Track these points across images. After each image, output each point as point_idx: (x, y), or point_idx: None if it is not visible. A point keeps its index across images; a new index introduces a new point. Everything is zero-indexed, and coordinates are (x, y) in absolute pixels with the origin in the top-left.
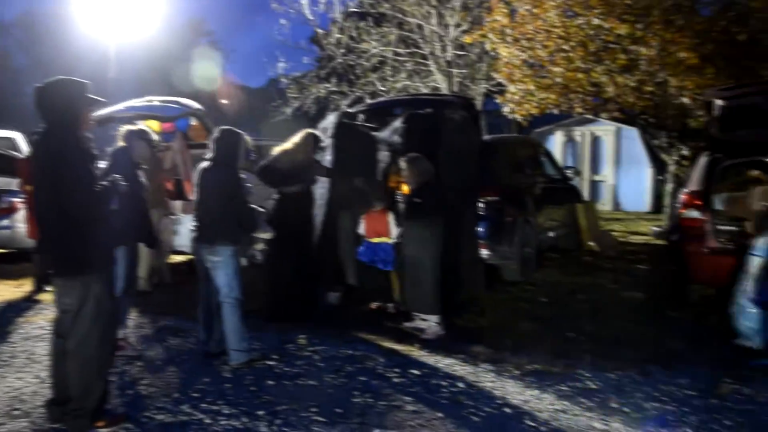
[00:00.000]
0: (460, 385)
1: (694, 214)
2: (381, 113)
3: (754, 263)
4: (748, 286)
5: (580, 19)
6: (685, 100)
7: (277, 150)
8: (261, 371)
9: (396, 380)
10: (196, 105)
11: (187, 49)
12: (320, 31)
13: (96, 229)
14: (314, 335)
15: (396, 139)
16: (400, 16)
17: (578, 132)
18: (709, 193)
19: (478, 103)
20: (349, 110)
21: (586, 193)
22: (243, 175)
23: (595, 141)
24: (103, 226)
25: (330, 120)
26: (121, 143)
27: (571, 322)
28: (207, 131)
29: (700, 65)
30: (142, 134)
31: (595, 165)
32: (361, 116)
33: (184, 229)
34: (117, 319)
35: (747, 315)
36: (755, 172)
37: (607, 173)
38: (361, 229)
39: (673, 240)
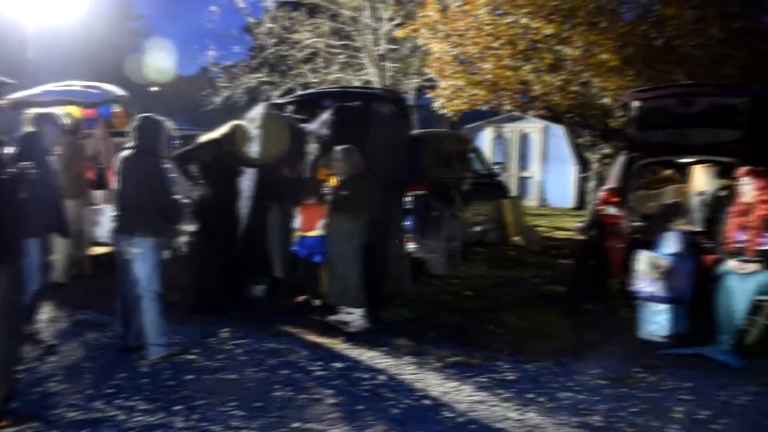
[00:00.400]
0: (382, 377)
1: (612, 210)
2: (310, 105)
3: (648, 259)
4: (644, 282)
5: (509, 17)
6: (607, 100)
7: (202, 139)
8: (180, 366)
9: (318, 373)
10: (119, 91)
11: (115, 32)
12: (252, 20)
13: (2, 220)
14: (238, 329)
15: (325, 131)
16: (333, 7)
17: (508, 129)
18: (626, 190)
19: (411, 97)
20: (278, 101)
21: (514, 189)
22: (166, 165)
23: (524, 138)
24: (11, 216)
25: (257, 111)
26: (29, 128)
27: (494, 314)
28: (131, 118)
29: (621, 67)
30: (51, 119)
31: (523, 161)
32: (290, 108)
33: (105, 219)
34: (26, 314)
35: (648, 308)
36: (668, 172)
37: (534, 170)
38: (297, 222)
39: (592, 235)
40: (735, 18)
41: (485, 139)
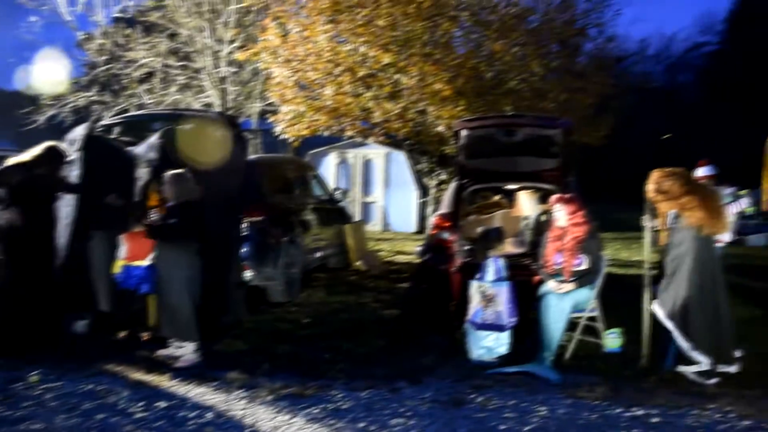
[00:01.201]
0: (209, 415)
1: (444, 235)
2: (139, 127)
3: (473, 286)
4: (471, 307)
5: (348, 45)
6: (442, 128)
7: (10, 161)
8: None
9: (139, 415)
10: None
11: None
12: (82, 35)
13: None
14: (52, 370)
15: (153, 155)
16: (172, 26)
17: (351, 154)
18: (457, 215)
19: (254, 121)
20: (103, 122)
21: (357, 214)
22: None
23: (367, 163)
24: None
25: (78, 132)
26: None
27: (331, 342)
28: None
29: (454, 97)
30: None
31: (367, 187)
32: (117, 129)
33: None
34: None
35: (472, 333)
36: (497, 197)
37: (377, 195)
38: (122, 251)
39: (426, 259)
40: (554, 57)
41: (329, 165)
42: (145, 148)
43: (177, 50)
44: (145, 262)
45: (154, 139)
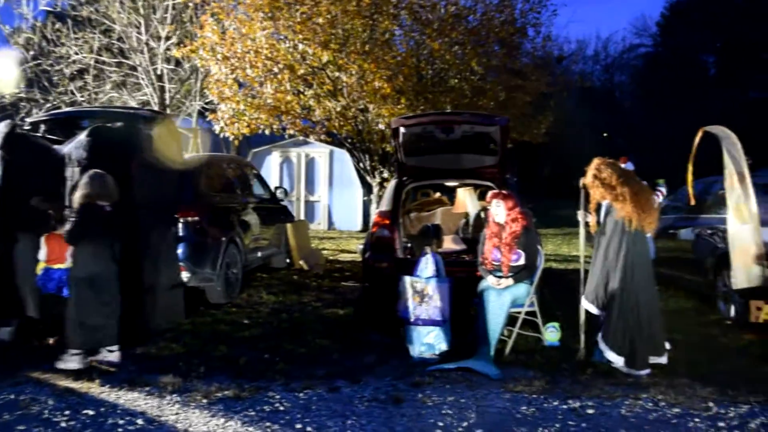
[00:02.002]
0: (140, 421)
1: (384, 232)
2: (67, 125)
3: (409, 283)
4: (408, 305)
5: (287, 42)
6: (382, 126)
7: None
8: None
9: (64, 425)
10: None
11: None
12: (6, 28)
13: None
14: None
15: (81, 153)
16: (106, 22)
17: (294, 153)
18: (397, 213)
19: (193, 120)
20: (29, 120)
21: (301, 213)
22: None
23: (310, 162)
24: None
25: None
26: None
27: (270, 342)
28: None
29: (394, 95)
30: None
31: (310, 185)
32: (43, 127)
33: None
34: None
35: (415, 329)
36: (437, 195)
37: (321, 194)
38: (42, 254)
39: (367, 258)
40: (493, 56)
41: (272, 163)
42: (74, 147)
43: (111, 46)
44: (65, 265)
45: (83, 137)
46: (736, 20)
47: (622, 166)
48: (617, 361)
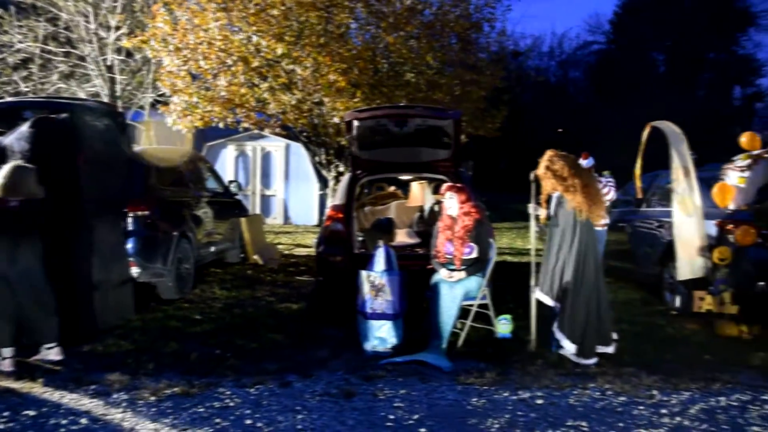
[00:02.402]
0: (84, 421)
1: (338, 226)
2: (8, 116)
3: (364, 276)
4: (362, 298)
5: (240, 34)
6: (338, 120)
7: None
8: None
9: (2, 426)
10: None
11: None
12: None
13: None
14: None
15: (24, 145)
16: (52, 10)
17: (250, 146)
18: (351, 207)
19: (146, 112)
20: None
21: (257, 208)
22: None
23: (266, 156)
24: None
25: None
26: None
27: (222, 338)
28: None
29: (349, 88)
30: None
31: (266, 180)
32: None
33: None
34: None
35: (368, 323)
36: (392, 188)
37: (277, 188)
38: None
39: (320, 251)
40: (448, 50)
41: (228, 157)
42: (15, 139)
43: (58, 35)
44: None
45: (25, 128)
46: (684, 21)
47: (583, 162)
48: (571, 348)
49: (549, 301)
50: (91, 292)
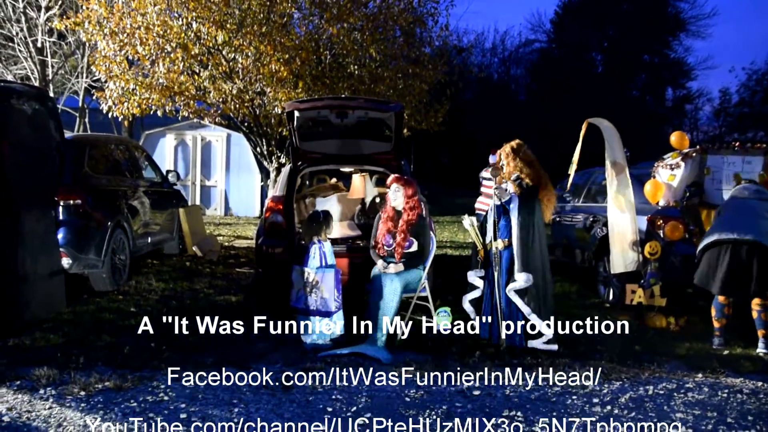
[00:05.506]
0: (6, 418)
1: (278, 218)
2: None
3: (298, 272)
4: (298, 293)
5: (180, 20)
6: (280, 110)
7: None
8: None
9: None
10: None
11: None
12: None
13: None
14: None
15: None
16: None
17: (189, 136)
18: (290, 199)
19: (79, 98)
20: None
21: (197, 199)
22: None
23: (207, 146)
24: None
25: None
26: None
27: (159, 330)
28: None
29: (292, 79)
30: None
31: (206, 170)
32: None
33: None
34: None
35: (302, 318)
36: (332, 180)
37: (217, 178)
38: None
39: (260, 243)
40: (391, 44)
41: (167, 146)
42: None
43: None
44: None
45: None
46: (620, 23)
47: (491, 158)
48: (550, 333)
49: (479, 282)
50: (17, 284)
